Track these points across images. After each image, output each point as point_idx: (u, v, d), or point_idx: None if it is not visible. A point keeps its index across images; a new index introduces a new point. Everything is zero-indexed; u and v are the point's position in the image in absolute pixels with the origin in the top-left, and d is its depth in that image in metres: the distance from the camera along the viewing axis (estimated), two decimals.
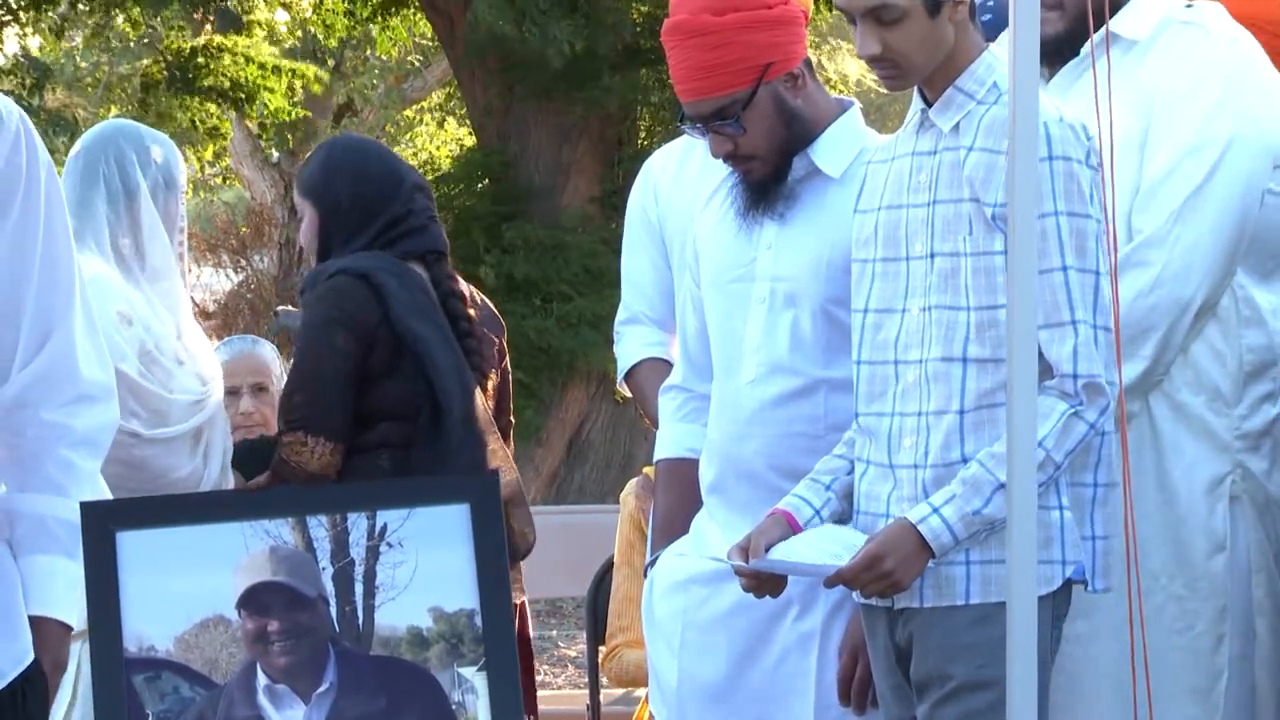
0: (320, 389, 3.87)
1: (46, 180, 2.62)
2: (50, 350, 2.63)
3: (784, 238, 3.39)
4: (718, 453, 3.46)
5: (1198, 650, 3.39)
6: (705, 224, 3.55)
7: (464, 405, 3.91)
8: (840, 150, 3.38)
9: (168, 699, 2.30)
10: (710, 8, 3.31)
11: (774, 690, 3.40)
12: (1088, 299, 3.00)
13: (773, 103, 3.33)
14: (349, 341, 3.87)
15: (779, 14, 3.33)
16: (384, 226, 3.99)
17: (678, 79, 3.36)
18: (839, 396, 3.29)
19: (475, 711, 2.29)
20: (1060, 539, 3.02)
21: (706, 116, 3.33)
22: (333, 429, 3.84)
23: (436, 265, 4.04)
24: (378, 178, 4.03)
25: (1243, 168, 3.33)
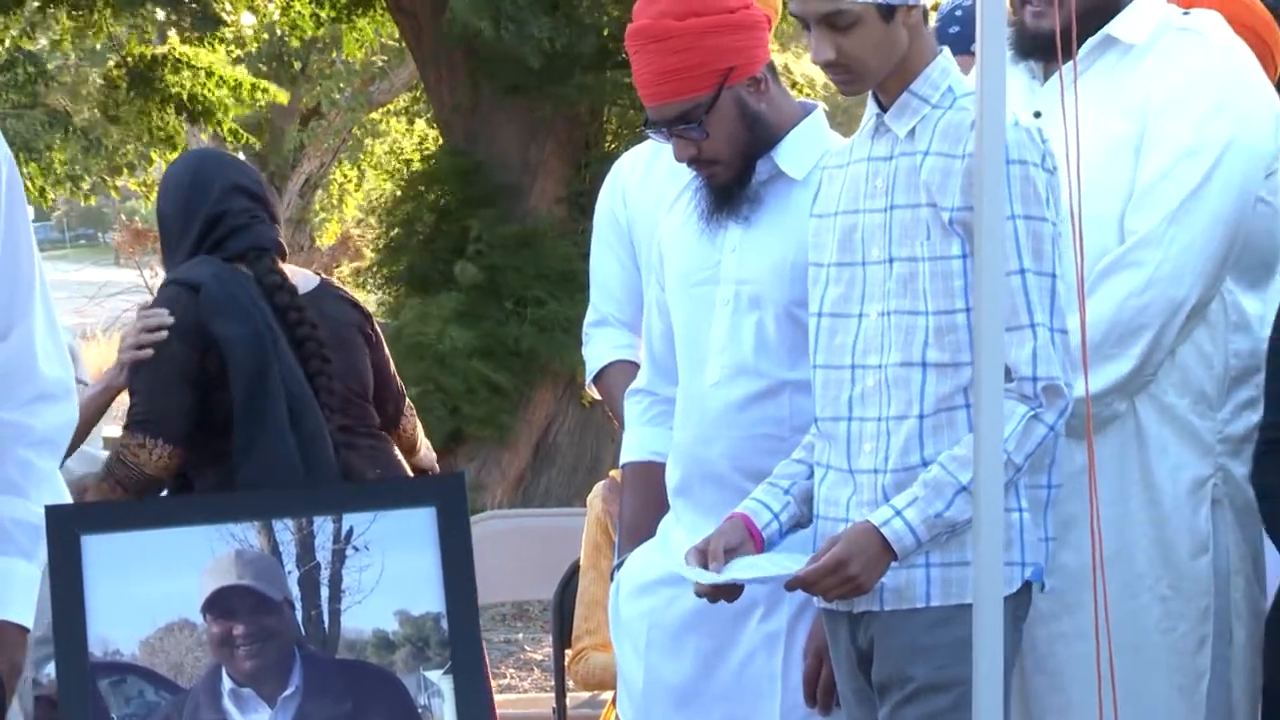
0: (158, 393, 3.89)
1: (7, 178, 2.62)
2: (10, 348, 2.62)
3: (748, 241, 3.39)
4: (683, 455, 3.46)
5: (1182, 650, 3.40)
6: (670, 227, 3.56)
7: (247, 395, 3.90)
8: (804, 153, 3.39)
9: (133, 703, 2.29)
10: (672, 13, 3.31)
11: (740, 691, 3.40)
12: (1045, 302, 3.01)
13: (735, 107, 3.33)
14: (181, 348, 3.89)
15: (741, 19, 3.34)
16: (202, 231, 4.04)
17: (641, 83, 3.36)
18: (804, 398, 3.30)
19: (442, 714, 2.29)
20: (1020, 541, 3.03)
21: (670, 121, 3.34)
22: (171, 432, 3.86)
23: (259, 262, 4.04)
24: (188, 185, 4.09)
25: (1238, 173, 3.34)
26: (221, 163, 4.28)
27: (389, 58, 19.09)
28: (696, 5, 3.30)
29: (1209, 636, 3.42)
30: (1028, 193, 3.01)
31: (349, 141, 22.45)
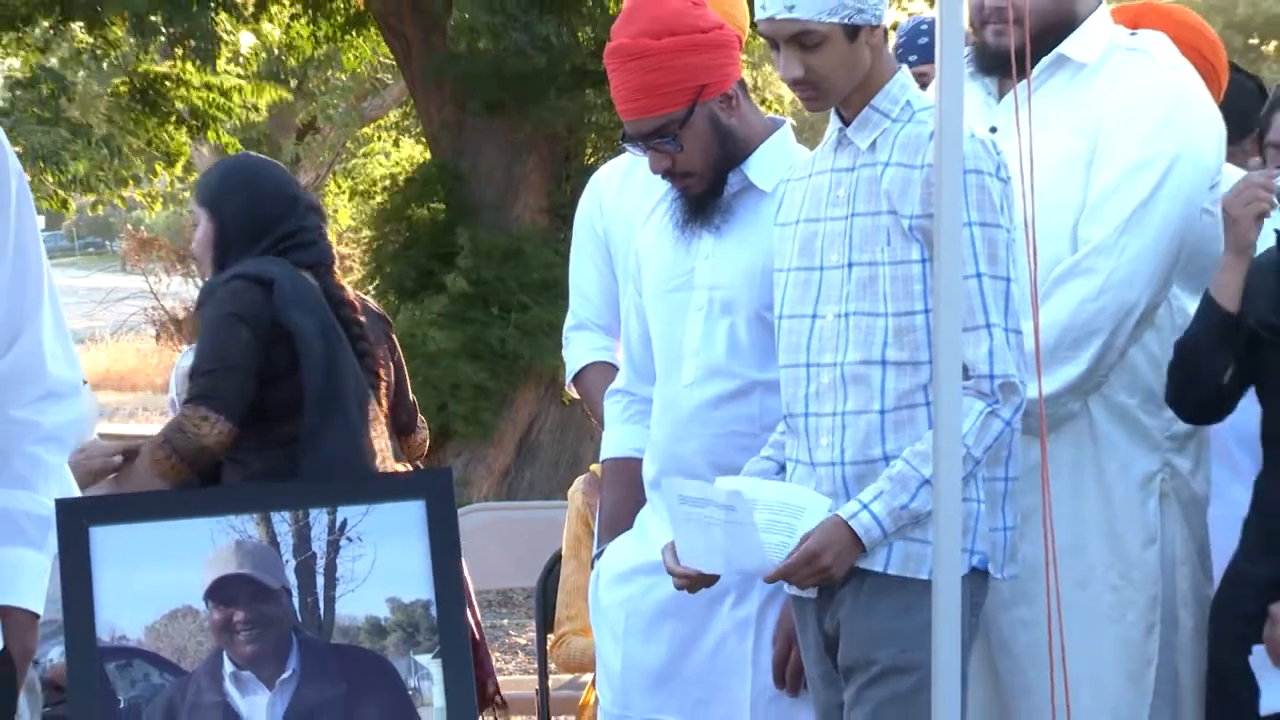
0: (226, 372, 3.87)
1: (17, 188, 2.61)
2: (19, 350, 2.61)
3: (720, 249, 3.39)
4: (660, 451, 3.46)
5: (1131, 638, 3.41)
6: (646, 236, 3.55)
7: (323, 396, 3.91)
8: (773, 166, 3.38)
9: (139, 685, 2.28)
10: (649, 32, 3.30)
11: (713, 674, 3.40)
12: (1000, 304, 3.01)
13: (708, 122, 3.33)
14: (250, 336, 3.89)
15: (714, 39, 3.34)
16: (276, 240, 4.03)
17: (619, 99, 3.36)
18: (773, 398, 3.30)
19: (431, 696, 2.28)
20: (973, 530, 3.04)
21: (646, 135, 3.33)
22: (232, 411, 3.84)
23: (326, 276, 4.07)
24: (273, 196, 4.09)
25: (1184, 185, 3.35)
26: (289, 177, 4.30)
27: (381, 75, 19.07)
28: (672, 25, 3.30)
29: (1156, 624, 3.42)
30: (984, 201, 3.01)
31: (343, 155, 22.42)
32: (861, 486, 3.04)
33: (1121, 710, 3.41)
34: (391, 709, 2.27)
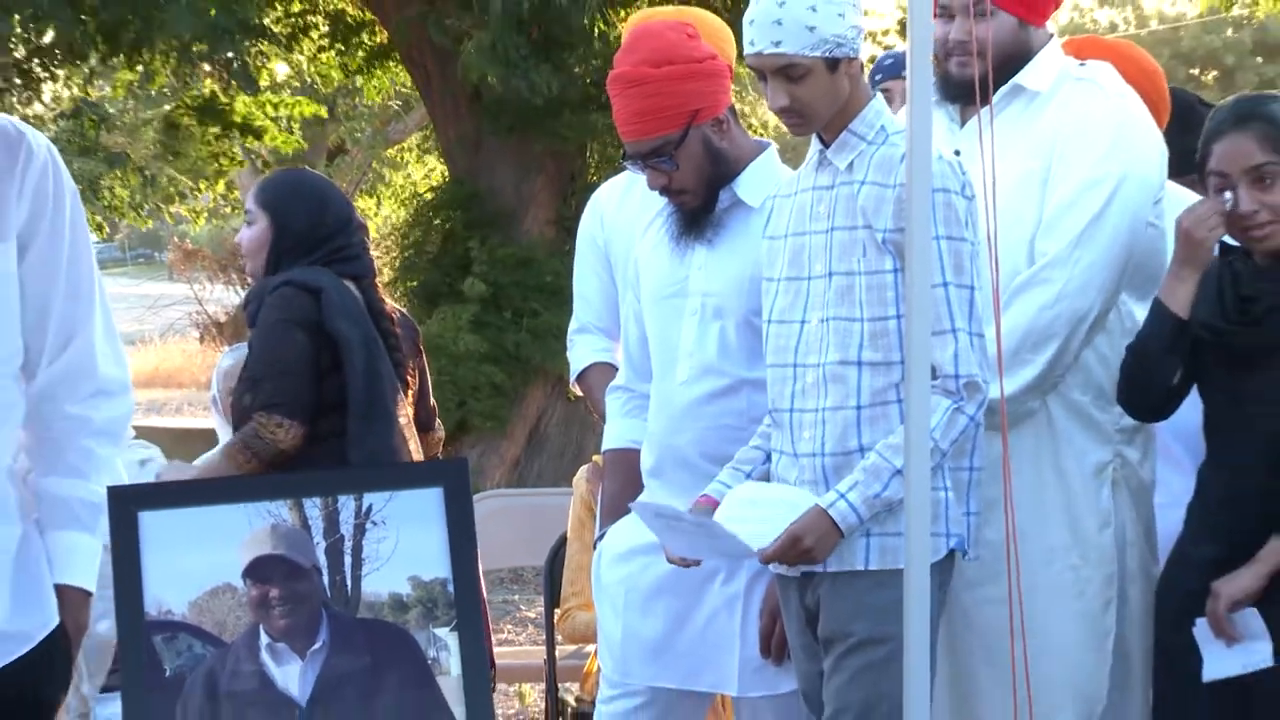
0: (290, 376, 3.85)
1: (71, 204, 2.60)
2: (72, 351, 2.61)
3: (712, 259, 3.38)
4: (657, 443, 3.45)
5: (1089, 612, 3.40)
6: (645, 248, 3.54)
7: (366, 399, 3.89)
8: (760, 184, 3.38)
9: (183, 656, 2.28)
10: (649, 61, 3.30)
11: (704, 645, 3.40)
12: (964, 310, 3.01)
13: (701, 143, 3.32)
14: (305, 340, 3.86)
15: (708, 68, 3.33)
16: (327, 252, 4.00)
17: (620, 122, 3.35)
18: (759, 394, 3.29)
19: (448, 665, 2.28)
20: (945, 515, 3.04)
21: (645, 155, 3.33)
22: (300, 413, 3.83)
23: (369, 289, 4.05)
24: (334, 214, 4.06)
25: (1131, 202, 3.34)
26: (345, 197, 4.26)
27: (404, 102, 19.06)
28: (669, 55, 3.29)
29: (1113, 599, 3.42)
30: (950, 217, 3.01)
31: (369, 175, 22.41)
32: (839, 476, 3.04)
33: (1082, 677, 3.40)
34: (412, 677, 2.26)
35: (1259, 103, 3.25)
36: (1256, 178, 3.15)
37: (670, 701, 3.44)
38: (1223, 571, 3.20)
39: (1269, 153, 3.15)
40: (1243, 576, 3.17)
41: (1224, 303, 3.20)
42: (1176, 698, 3.28)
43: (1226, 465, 3.23)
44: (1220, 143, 3.20)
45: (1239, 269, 3.23)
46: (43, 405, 2.60)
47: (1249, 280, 3.21)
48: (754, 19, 3.07)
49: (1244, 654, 3.16)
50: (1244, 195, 3.15)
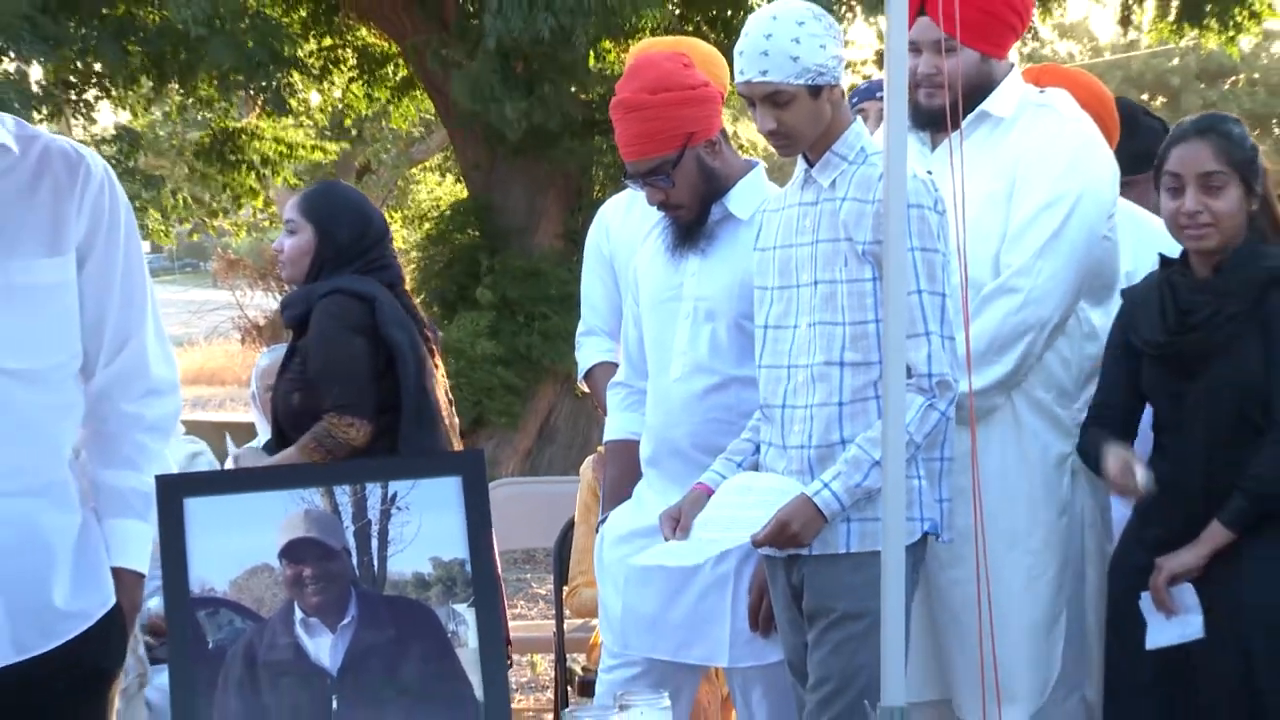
0: (356, 379, 3.81)
1: (126, 219, 2.60)
2: (127, 354, 2.60)
3: (705, 267, 3.38)
4: (654, 434, 3.45)
5: (1044, 594, 3.40)
6: (643, 257, 3.54)
7: (418, 403, 3.88)
8: (749, 199, 3.38)
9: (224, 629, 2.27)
10: (647, 88, 3.29)
11: (698, 620, 3.39)
12: (936, 315, 3.01)
13: (695, 163, 3.32)
14: (364, 345, 3.84)
15: (701, 94, 3.33)
16: (366, 261, 3.95)
17: (621, 144, 3.35)
18: (748, 391, 3.29)
19: (466, 638, 2.27)
20: (919, 502, 3.03)
21: (644, 174, 3.32)
22: (367, 413, 3.80)
23: (402, 295, 4.02)
24: (374, 226, 4.03)
25: (1088, 218, 3.34)
26: (375, 207, 4.21)
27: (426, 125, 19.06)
28: (666, 83, 3.29)
29: (1066, 584, 3.42)
30: (924, 230, 3.00)
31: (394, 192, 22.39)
32: (824, 466, 3.04)
33: (1036, 651, 3.40)
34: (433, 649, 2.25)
35: (1220, 120, 3.27)
36: (1205, 184, 3.16)
37: (665, 672, 3.43)
38: (1167, 550, 3.21)
39: (1221, 164, 3.16)
40: (1184, 554, 3.18)
41: (1165, 316, 3.21)
42: (1125, 663, 3.28)
43: (1171, 457, 3.23)
44: (1179, 148, 3.21)
45: (1177, 282, 3.24)
46: (100, 404, 2.60)
47: (1186, 293, 3.22)
48: (743, 50, 3.07)
49: (1180, 626, 3.17)
50: (1191, 196, 3.16)
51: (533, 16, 9.15)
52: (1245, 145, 3.21)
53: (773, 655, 3.34)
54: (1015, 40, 3.47)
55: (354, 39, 13.21)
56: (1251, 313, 3.14)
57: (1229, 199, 3.16)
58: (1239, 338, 3.14)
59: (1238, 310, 3.14)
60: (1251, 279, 3.15)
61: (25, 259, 2.48)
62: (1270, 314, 3.12)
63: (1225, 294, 3.16)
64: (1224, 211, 3.16)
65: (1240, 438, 3.14)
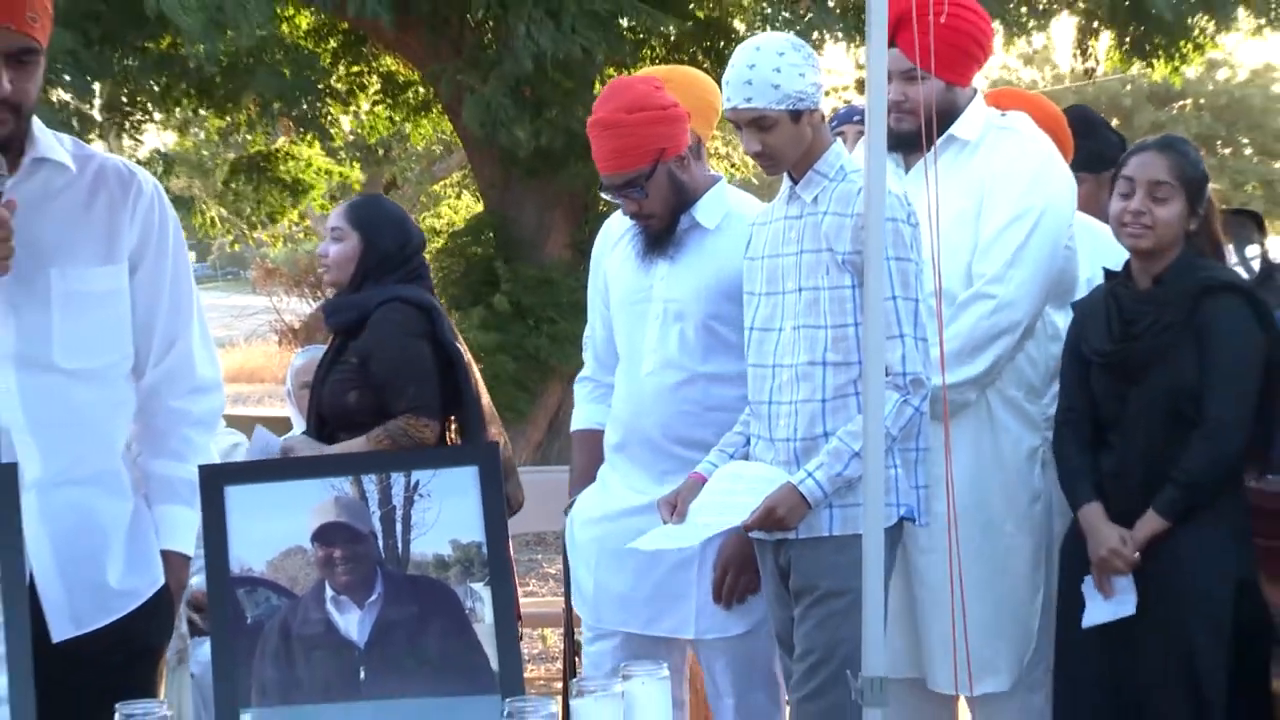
0: (427, 383, 3.74)
1: (174, 232, 2.61)
2: (174, 355, 2.60)
3: (673, 272, 3.38)
4: (623, 424, 3.43)
5: (1022, 574, 3.40)
6: (614, 262, 3.55)
7: (476, 406, 3.87)
8: (714, 210, 3.38)
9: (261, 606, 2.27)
10: (622, 109, 3.30)
11: (665, 596, 3.38)
12: (910, 319, 3.00)
13: (667, 176, 3.32)
14: (428, 349, 3.78)
15: (671, 114, 3.33)
16: (407, 270, 3.90)
17: (599, 159, 3.35)
18: (714, 385, 3.29)
19: (483, 614, 2.27)
20: (895, 489, 3.02)
21: (619, 186, 3.33)
22: (436, 413, 3.74)
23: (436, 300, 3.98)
24: (414, 237, 3.97)
25: (1051, 230, 3.35)
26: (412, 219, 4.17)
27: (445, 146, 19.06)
28: (641, 103, 3.30)
29: (1042, 562, 3.41)
30: (899, 241, 3.00)
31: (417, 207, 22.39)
32: (809, 457, 3.04)
33: (1016, 627, 3.41)
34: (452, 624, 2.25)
35: (1180, 142, 3.33)
36: (1153, 192, 3.20)
37: (640, 645, 3.40)
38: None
39: (1171, 177, 3.20)
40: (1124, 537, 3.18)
41: (1110, 325, 3.23)
42: (1073, 642, 3.28)
43: (1116, 453, 3.24)
44: (1139, 156, 3.26)
45: (1121, 294, 3.27)
46: (150, 400, 2.60)
47: (1130, 305, 3.24)
48: (729, 79, 3.07)
49: (1115, 605, 3.17)
50: (1138, 199, 3.20)
51: (561, 37, 9.10)
52: (1197, 168, 3.26)
53: (735, 628, 3.33)
54: (978, 69, 3.48)
55: (378, 65, 13.22)
56: (1186, 321, 3.17)
57: (1171, 210, 3.19)
58: (1175, 345, 3.17)
59: (1174, 319, 3.17)
60: (1187, 289, 3.18)
61: (82, 267, 2.48)
62: (1203, 322, 3.16)
63: (1164, 304, 3.19)
64: (1164, 219, 3.19)
65: (1176, 435, 3.16)
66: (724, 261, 3.33)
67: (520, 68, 9.22)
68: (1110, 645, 3.19)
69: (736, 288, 3.28)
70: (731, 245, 3.33)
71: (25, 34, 2.37)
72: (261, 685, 2.21)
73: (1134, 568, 3.15)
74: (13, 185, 2.43)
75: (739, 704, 3.36)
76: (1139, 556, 3.15)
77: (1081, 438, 3.27)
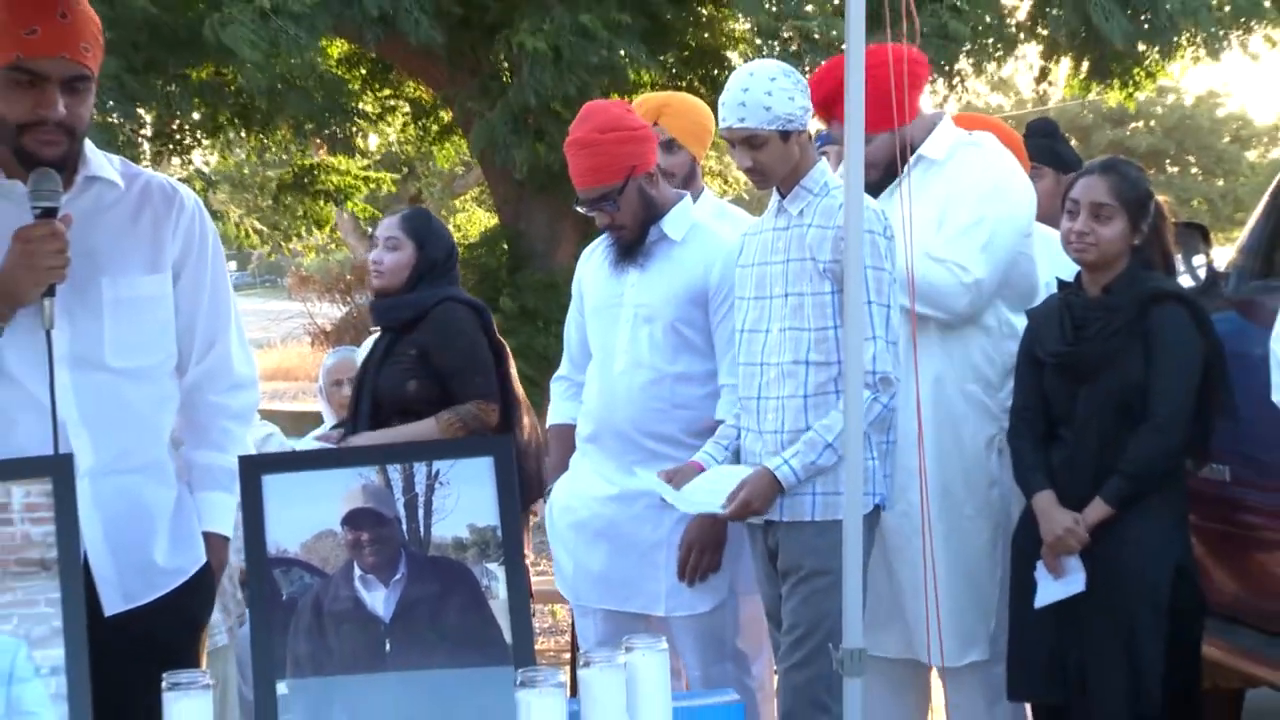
0: (491, 374, 3.81)
1: (213, 242, 2.61)
2: (214, 354, 2.60)
3: (643, 279, 3.38)
4: (596, 418, 3.43)
5: (984, 550, 3.40)
6: (588, 270, 3.56)
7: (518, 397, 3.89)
8: (680, 223, 3.39)
9: (295, 584, 2.26)
10: (597, 129, 3.31)
11: (636, 575, 3.38)
12: (882, 322, 3.01)
13: (637, 192, 3.33)
14: (486, 345, 3.82)
15: (641, 135, 3.35)
16: (449, 277, 3.93)
17: (575, 175, 3.35)
18: (680, 384, 3.31)
19: (498, 591, 2.26)
20: (871, 478, 3.02)
21: (594, 200, 3.33)
22: (498, 400, 3.81)
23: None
24: (454, 247, 4.01)
25: (1007, 234, 3.36)
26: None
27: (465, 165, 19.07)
28: (614, 124, 3.31)
29: (1000, 541, 3.41)
30: (875, 252, 3.00)
31: None
32: None
33: (982, 598, 3.41)
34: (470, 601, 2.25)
35: (1122, 164, 3.34)
36: (1096, 212, 3.22)
37: (617, 621, 3.39)
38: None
39: (1112, 199, 3.22)
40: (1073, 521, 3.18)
41: (1063, 330, 3.25)
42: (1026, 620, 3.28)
43: (1067, 445, 3.25)
44: (1083, 179, 3.28)
45: (1073, 301, 3.29)
46: (192, 396, 2.60)
47: (1081, 311, 3.26)
48: (725, 101, 3.08)
49: (1066, 584, 3.18)
50: (1082, 220, 3.22)
51: (560, 76, 9.15)
52: (1137, 188, 3.27)
53: (701, 606, 3.33)
54: (918, 96, 3.46)
55: (405, 91, 13.25)
56: (1133, 327, 3.18)
57: (1113, 228, 3.21)
58: (1123, 349, 3.19)
59: (1122, 325, 3.19)
60: (1134, 298, 3.20)
61: (130, 276, 2.48)
62: (1149, 328, 3.18)
63: (1113, 311, 3.21)
64: (1106, 238, 3.21)
65: (1123, 431, 3.18)
66: (690, 270, 3.34)
67: (525, 100, 9.28)
68: (1059, 622, 3.20)
69: (702, 294, 3.30)
70: (696, 255, 3.35)
71: (79, 62, 2.37)
72: (295, 657, 2.21)
73: (1084, 546, 3.16)
74: (68, 201, 2.43)
75: (704, 675, 3.37)
76: (1088, 537, 3.15)
77: (1035, 433, 3.28)
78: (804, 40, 9.25)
